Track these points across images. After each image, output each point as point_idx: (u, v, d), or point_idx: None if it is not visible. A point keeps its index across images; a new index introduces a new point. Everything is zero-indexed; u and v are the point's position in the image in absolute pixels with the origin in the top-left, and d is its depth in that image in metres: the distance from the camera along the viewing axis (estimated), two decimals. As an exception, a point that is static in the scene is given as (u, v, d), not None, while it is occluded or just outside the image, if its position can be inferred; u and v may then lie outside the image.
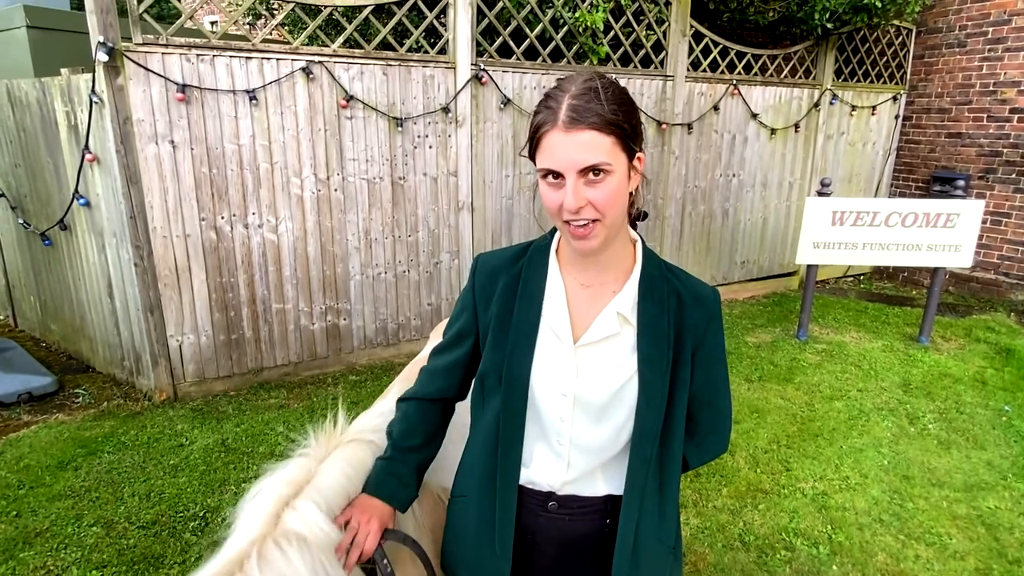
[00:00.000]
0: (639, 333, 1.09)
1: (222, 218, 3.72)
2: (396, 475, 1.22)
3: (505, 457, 1.14)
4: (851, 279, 7.06)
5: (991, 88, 6.02)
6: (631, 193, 1.06)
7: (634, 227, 1.19)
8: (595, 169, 0.96)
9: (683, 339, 1.11)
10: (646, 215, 1.18)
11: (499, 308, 1.14)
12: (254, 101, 3.64)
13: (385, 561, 1.17)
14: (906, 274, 6.85)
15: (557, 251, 1.16)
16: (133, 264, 3.53)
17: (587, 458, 1.13)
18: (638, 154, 1.03)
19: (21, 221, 4.36)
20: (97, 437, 3.34)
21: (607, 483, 1.15)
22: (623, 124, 0.97)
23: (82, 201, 3.71)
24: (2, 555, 2.45)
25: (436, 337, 2.04)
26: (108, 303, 3.89)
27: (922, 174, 6.72)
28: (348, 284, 4.22)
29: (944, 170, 6.46)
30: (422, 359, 1.93)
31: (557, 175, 0.99)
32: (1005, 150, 5.98)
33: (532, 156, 1.03)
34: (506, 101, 4.46)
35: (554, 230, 1.16)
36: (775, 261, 6.46)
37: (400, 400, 1.30)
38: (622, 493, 1.14)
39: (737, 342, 4.95)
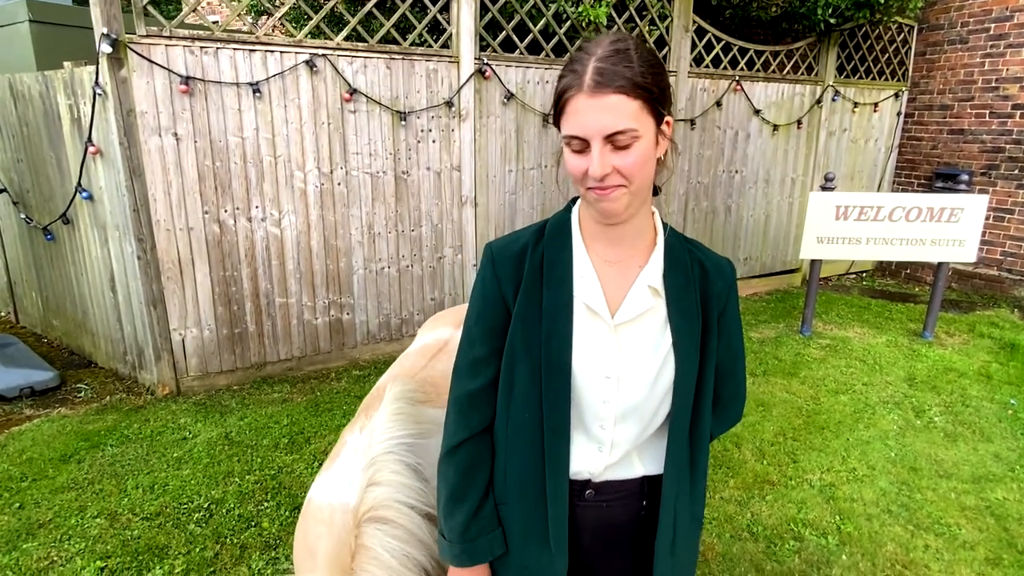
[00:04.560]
0: (669, 305, 1.07)
1: (225, 211, 3.71)
2: (483, 527, 1.11)
3: (553, 450, 1.07)
4: (854, 276, 7.05)
5: (993, 84, 6.02)
6: (659, 159, 1.02)
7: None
8: (622, 134, 0.93)
9: (709, 308, 1.10)
10: (658, 191, 1.11)
11: (526, 294, 1.07)
12: (258, 94, 3.63)
13: None
14: (908, 271, 6.84)
15: (579, 224, 1.11)
16: (136, 257, 3.52)
17: (627, 440, 1.09)
18: (667, 118, 0.98)
19: (23, 216, 4.35)
20: (100, 430, 3.32)
21: (643, 464, 1.13)
22: (651, 87, 0.93)
23: (85, 194, 3.70)
24: (5, 546, 2.43)
25: (428, 330, 2.01)
26: (111, 297, 3.87)
27: (924, 171, 6.71)
28: (351, 278, 4.20)
29: (946, 167, 6.46)
30: (414, 352, 1.88)
31: (582, 141, 0.95)
32: (1008, 146, 5.97)
33: (556, 122, 0.99)
34: (509, 96, 4.45)
35: (571, 205, 1.14)
36: (778, 258, 6.45)
37: (448, 452, 1.13)
38: (657, 472, 1.12)
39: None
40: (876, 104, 6.48)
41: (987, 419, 3.64)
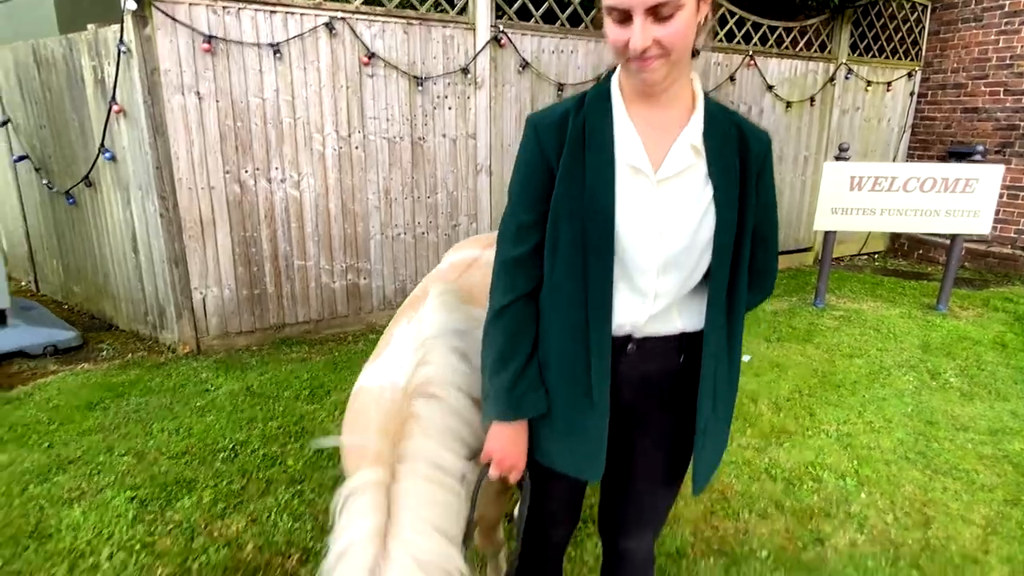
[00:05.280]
0: (709, 163, 1.10)
1: (246, 172, 3.75)
2: (530, 384, 1.16)
3: (597, 304, 1.10)
4: (866, 256, 7.04)
5: (1008, 62, 6.00)
6: (699, 24, 1.05)
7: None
8: (664, 5, 0.94)
9: (748, 169, 1.13)
10: (697, 54, 1.13)
11: (570, 157, 1.09)
12: (278, 55, 3.68)
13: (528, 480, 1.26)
14: (921, 251, 6.82)
15: (620, 90, 1.13)
16: (159, 215, 3.57)
17: (669, 292, 1.13)
18: None
19: (45, 182, 4.41)
20: (124, 383, 3.37)
21: (682, 318, 1.17)
22: None
23: (107, 155, 3.75)
24: (37, 479, 2.48)
25: (454, 252, 2.04)
26: (132, 258, 3.93)
27: (938, 151, 6.70)
28: (368, 244, 4.24)
29: (960, 145, 6.44)
30: (444, 269, 1.91)
31: (623, 12, 0.97)
32: (1022, 124, 5.96)
33: None
34: (524, 64, 4.48)
35: (608, 77, 1.17)
36: (790, 236, 6.45)
37: (496, 315, 1.18)
38: (695, 328, 1.16)
39: (754, 309, 4.94)
40: (889, 83, 6.47)
41: (1003, 381, 3.64)
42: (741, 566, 2.07)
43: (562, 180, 1.10)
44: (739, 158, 1.12)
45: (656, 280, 1.11)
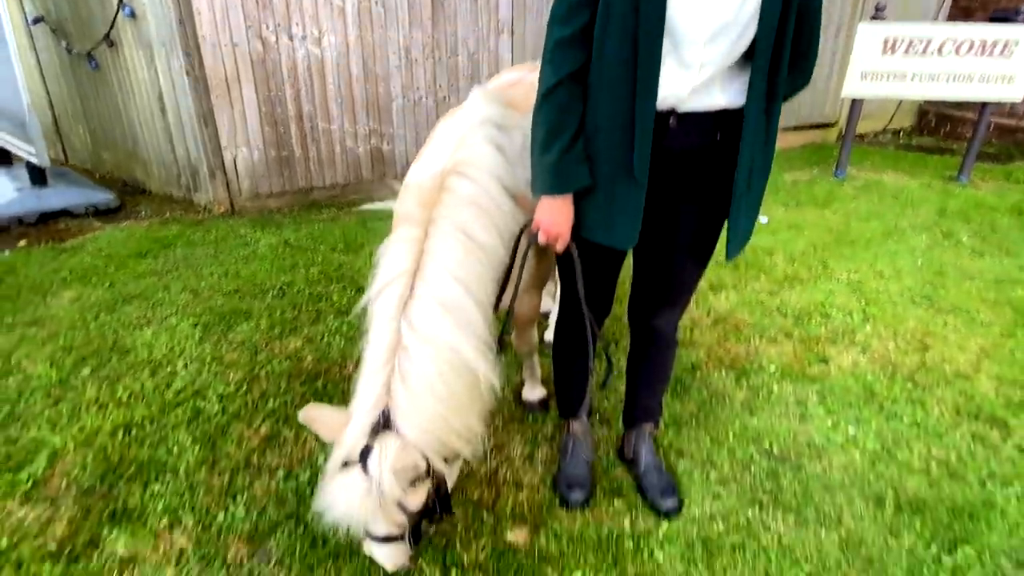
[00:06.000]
0: None
1: (267, 28, 3.70)
2: (576, 158, 1.25)
3: (645, 74, 1.17)
4: (891, 134, 6.91)
5: (1069, -87, 5.53)
6: None
7: None
8: None
9: None
10: None
11: None
12: (293, -103, 3.51)
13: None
14: (948, 127, 6.67)
15: None
16: (185, 72, 3.58)
17: (714, 62, 1.19)
18: None
19: (64, 45, 4.37)
20: (168, 236, 3.55)
21: (724, 94, 1.25)
22: None
23: (127, 11, 3.69)
24: (105, 309, 2.71)
25: (497, 79, 2.10)
26: (160, 120, 3.98)
27: (979, 18, 6.35)
28: (390, 107, 4.24)
29: (1003, 10, 6.09)
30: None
31: None
32: (1074, -15, 5.60)
33: None
34: (549, -88, 4.23)
35: None
36: (815, 110, 6.30)
37: (546, 94, 1.25)
38: (736, 105, 1.24)
39: (774, 178, 4.93)
40: (936, -60, 6.02)
41: (1015, 242, 3.72)
42: (750, 377, 2.29)
43: None
44: None
45: (703, 50, 1.18)
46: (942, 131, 6.72)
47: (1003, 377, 2.33)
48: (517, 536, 1.60)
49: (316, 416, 1.27)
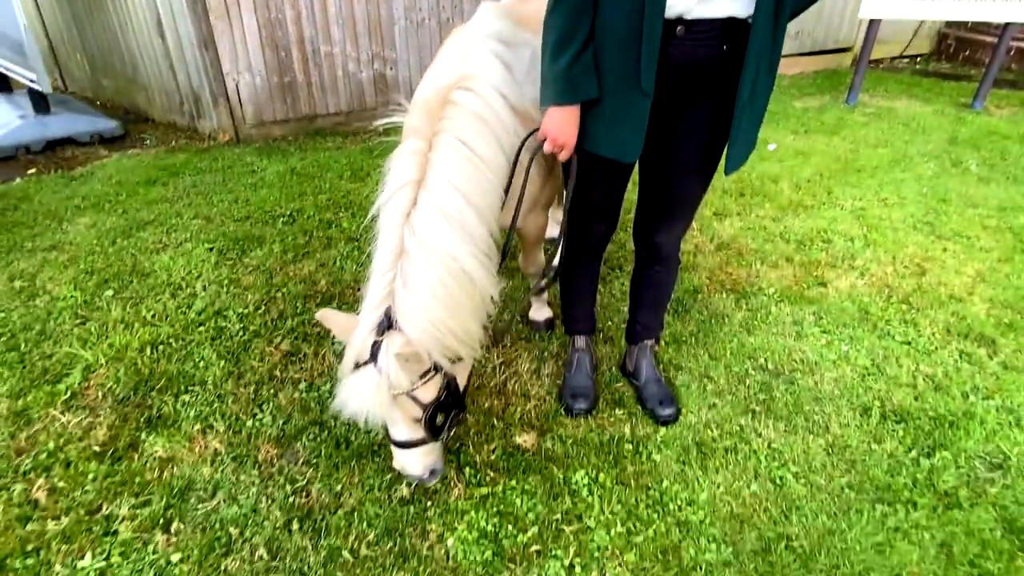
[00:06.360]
0: None
1: (264, -56, 3.57)
2: (585, 68, 1.27)
3: None
4: (907, 60, 6.71)
5: None
6: None
7: None
8: None
9: None
10: None
11: None
12: None
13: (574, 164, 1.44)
14: (967, 52, 6.47)
15: None
16: (182, -7, 3.48)
17: None
18: None
19: (54, -36, 4.23)
20: (175, 164, 3.57)
21: (732, 2, 1.24)
22: None
23: (118, -74, 3.56)
24: (122, 235, 2.77)
25: None
26: (160, 45, 3.90)
27: (1009, -67, 6.02)
28: (393, 30, 4.14)
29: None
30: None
31: None
32: None
33: None
34: None
35: None
36: (830, 35, 6.11)
37: (555, 5, 1.26)
38: (744, 15, 1.24)
39: (783, 105, 4.88)
40: None
41: (1023, 170, 3.71)
42: (750, 299, 2.37)
43: None
44: None
45: None
46: (961, 56, 6.52)
47: (996, 299, 2.40)
48: (525, 440, 1.73)
49: (331, 316, 1.37)
